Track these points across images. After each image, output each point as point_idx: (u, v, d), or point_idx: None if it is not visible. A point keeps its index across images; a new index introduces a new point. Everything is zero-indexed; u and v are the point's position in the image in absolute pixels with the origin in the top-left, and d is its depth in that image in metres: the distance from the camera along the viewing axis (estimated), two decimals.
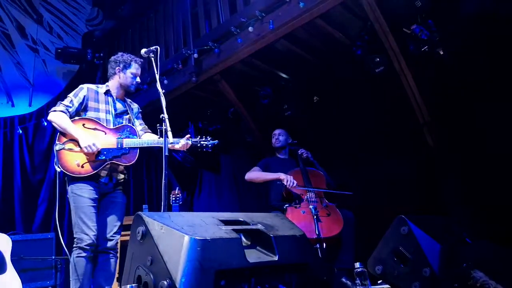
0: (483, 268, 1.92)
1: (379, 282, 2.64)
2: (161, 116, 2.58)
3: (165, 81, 4.69)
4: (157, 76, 2.71)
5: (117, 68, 2.97)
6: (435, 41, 3.46)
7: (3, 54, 6.40)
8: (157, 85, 2.68)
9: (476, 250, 2.18)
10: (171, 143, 2.73)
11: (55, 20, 6.74)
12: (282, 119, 4.77)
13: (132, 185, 5.93)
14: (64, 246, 2.86)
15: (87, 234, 2.62)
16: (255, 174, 3.68)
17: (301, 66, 4.55)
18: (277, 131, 3.99)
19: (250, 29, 3.89)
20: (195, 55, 4.40)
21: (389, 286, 2.43)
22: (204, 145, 2.92)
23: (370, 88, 4.12)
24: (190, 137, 2.90)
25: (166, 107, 2.61)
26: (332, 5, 3.50)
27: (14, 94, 6.34)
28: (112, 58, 3.05)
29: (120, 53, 3.05)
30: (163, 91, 2.68)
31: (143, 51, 2.80)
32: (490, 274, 1.89)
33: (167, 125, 2.56)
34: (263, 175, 3.64)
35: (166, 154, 2.50)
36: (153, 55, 2.77)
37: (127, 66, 2.97)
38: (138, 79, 3.01)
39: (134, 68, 2.98)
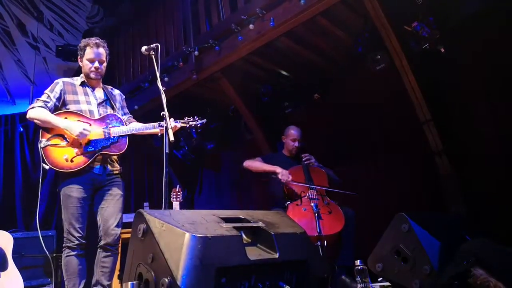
0: (483, 266, 1.92)
1: (379, 279, 2.65)
2: (161, 114, 2.57)
3: (166, 79, 4.69)
4: (158, 74, 2.70)
5: (79, 58, 2.89)
6: (436, 38, 3.45)
7: (3, 51, 6.39)
8: (157, 83, 2.67)
9: (476, 248, 2.18)
10: (160, 125, 2.68)
11: (55, 18, 6.74)
12: (283, 117, 4.77)
13: (133, 182, 5.94)
14: (44, 246, 2.85)
15: (73, 236, 2.61)
16: (253, 163, 3.66)
17: (302, 64, 4.54)
18: (299, 136, 3.77)
19: (251, 26, 3.88)
20: (196, 53, 4.40)
21: (389, 284, 2.44)
22: (193, 125, 2.90)
23: (371, 86, 4.12)
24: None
25: (166, 105, 2.60)
26: (333, 2, 3.49)
27: (15, 91, 6.34)
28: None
29: (82, 39, 2.93)
30: (164, 88, 2.67)
31: (143, 48, 2.79)
32: (490, 271, 1.90)
33: (168, 123, 2.55)
34: (260, 165, 3.62)
35: (167, 151, 2.49)
36: (153, 53, 2.75)
37: (82, 53, 2.87)
38: (96, 64, 2.83)
39: (89, 53, 2.83)
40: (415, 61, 3.60)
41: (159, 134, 2.72)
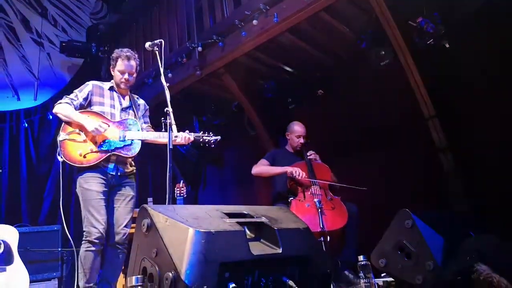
0: (486, 262, 1.92)
1: (382, 275, 2.65)
2: (165, 110, 2.59)
3: (170, 75, 4.69)
4: (161, 70, 2.71)
5: (111, 66, 3.02)
6: (441, 34, 3.43)
7: (8, 47, 6.42)
8: (161, 79, 2.69)
9: (479, 244, 2.18)
10: (174, 137, 2.72)
11: (59, 14, 6.75)
12: (286, 113, 4.77)
13: (137, 178, 5.95)
14: (71, 239, 2.87)
15: (95, 228, 2.65)
16: (262, 169, 3.66)
17: (305, 60, 4.53)
18: (304, 132, 3.79)
19: (254, 22, 3.87)
20: (199, 49, 4.40)
21: (392, 279, 2.44)
22: (207, 140, 2.94)
23: (375, 82, 4.10)
24: (194, 131, 2.92)
25: (170, 101, 2.61)
26: None
27: (19, 87, 6.37)
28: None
29: (116, 50, 3.03)
30: (168, 84, 2.69)
31: (147, 44, 2.81)
32: (493, 267, 1.90)
33: (171, 119, 2.57)
34: (270, 170, 3.62)
35: (171, 147, 2.51)
36: (157, 49, 2.77)
37: (114, 64, 2.98)
38: (126, 76, 2.94)
39: (120, 65, 2.95)
40: (419, 57, 3.58)
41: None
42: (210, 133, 2.98)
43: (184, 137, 2.83)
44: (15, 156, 5.92)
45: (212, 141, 2.94)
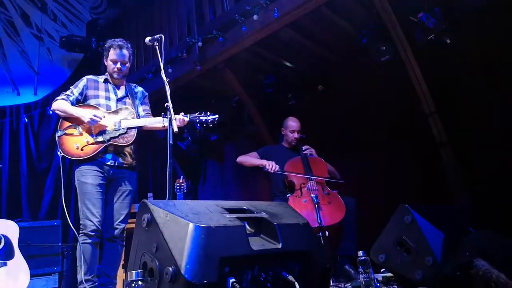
0: (485, 257, 1.93)
1: (382, 270, 2.66)
2: (165, 105, 2.59)
3: (170, 70, 4.68)
4: (162, 65, 2.71)
5: (104, 58, 3.04)
6: (442, 29, 3.41)
7: (8, 42, 6.39)
8: (161, 74, 2.68)
9: (479, 239, 2.18)
10: (164, 116, 2.74)
11: (59, 8, 6.72)
12: (286, 108, 4.76)
13: (137, 173, 5.95)
14: (74, 230, 2.86)
15: (91, 221, 2.67)
16: (245, 159, 3.76)
17: (306, 55, 4.52)
18: (298, 127, 3.80)
19: (255, 17, 3.85)
20: (200, 44, 4.39)
21: (392, 275, 2.45)
22: (204, 120, 2.92)
23: (375, 77, 4.09)
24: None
25: (170, 96, 2.61)
26: None
27: (19, 82, 6.35)
28: None
29: (108, 40, 3.05)
30: (168, 79, 2.68)
31: (147, 39, 2.80)
32: (492, 263, 1.90)
33: (171, 114, 2.57)
34: (250, 160, 3.71)
35: (171, 142, 2.51)
36: (157, 43, 2.77)
37: (107, 54, 3.01)
38: (118, 65, 2.97)
39: (112, 54, 2.98)
40: (420, 53, 3.57)
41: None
42: (208, 112, 2.96)
43: (179, 119, 2.82)
44: (15, 152, 5.91)
45: (209, 120, 2.91)
